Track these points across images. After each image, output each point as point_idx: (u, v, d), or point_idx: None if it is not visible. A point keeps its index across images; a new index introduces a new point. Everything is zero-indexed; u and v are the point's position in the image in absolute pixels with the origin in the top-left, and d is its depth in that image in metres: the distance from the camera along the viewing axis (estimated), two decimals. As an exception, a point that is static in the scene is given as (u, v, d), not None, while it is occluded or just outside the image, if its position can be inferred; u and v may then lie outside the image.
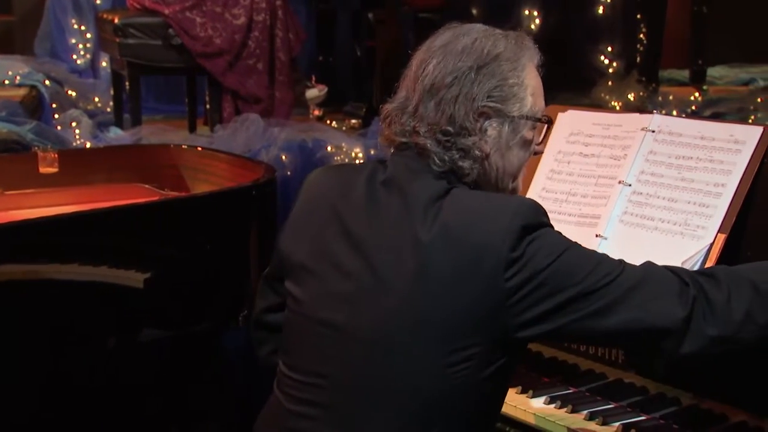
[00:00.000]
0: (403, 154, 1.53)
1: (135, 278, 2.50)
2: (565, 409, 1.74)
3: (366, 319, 1.46)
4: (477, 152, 1.50)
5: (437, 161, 1.49)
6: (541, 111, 1.56)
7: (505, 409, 1.77)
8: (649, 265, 1.49)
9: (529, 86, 1.54)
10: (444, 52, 1.51)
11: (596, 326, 1.42)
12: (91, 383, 2.59)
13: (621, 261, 1.47)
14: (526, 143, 1.55)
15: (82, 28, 5.87)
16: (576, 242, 1.47)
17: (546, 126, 1.59)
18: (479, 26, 1.56)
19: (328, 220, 1.54)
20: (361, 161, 4.18)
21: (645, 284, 1.43)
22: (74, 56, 5.84)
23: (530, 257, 1.41)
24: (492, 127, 1.51)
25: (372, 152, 4.16)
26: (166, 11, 4.66)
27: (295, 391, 1.53)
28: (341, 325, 1.48)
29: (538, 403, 1.79)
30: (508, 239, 1.41)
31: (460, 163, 1.49)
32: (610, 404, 1.76)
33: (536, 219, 1.44)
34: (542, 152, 1.65)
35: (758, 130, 1.76)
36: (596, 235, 1.86)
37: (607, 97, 5.98)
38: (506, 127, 1.52)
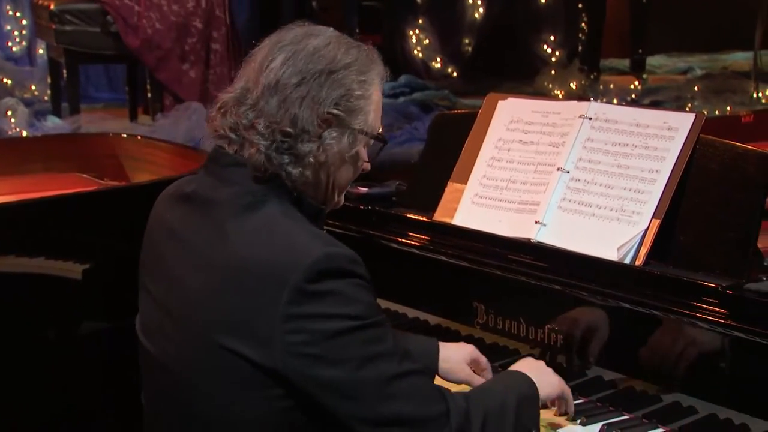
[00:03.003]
0: (219, 160, 1.47)
1: (73, 269, 2.46)
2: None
3: (170, 350, 1.46)
4: (311, 159, 1.43)
5: (264, 163, 1.42)
6: (378, 129, 1.51)
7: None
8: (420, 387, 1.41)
9: (373, 102, 1.49)
10: (294, 50, 1.44)
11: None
12: (27, 377, 2.54)
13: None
14: (359, 159, 1.50)
15: (18, 14, 5.74)
16: (378, 320, 1.38)
17: (381, 145, 1.53)
18: (332, 30, 1.51)
19: (150, 244, 1.55)
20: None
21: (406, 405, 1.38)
22: (9, 43, 5.71)
23: (318, 303, 1.34)
24: (332, 137, 1.44)
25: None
26: None
27: (146, 422, 1.54)
28: (154, 355, 1.49)
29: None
30: (303, 273, 1.34)
31: (290, 169, 1.42)
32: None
33: (341, 266, 1.37)
34: (367, 170, 1.56)
35: (690, 117, 1.80)
36: (535, 222, 1.89)
37: (550, 85, 6.07)
38: (345, 139, 1.45)
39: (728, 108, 5.43)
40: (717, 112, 5.22)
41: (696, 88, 5.92)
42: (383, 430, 1.38)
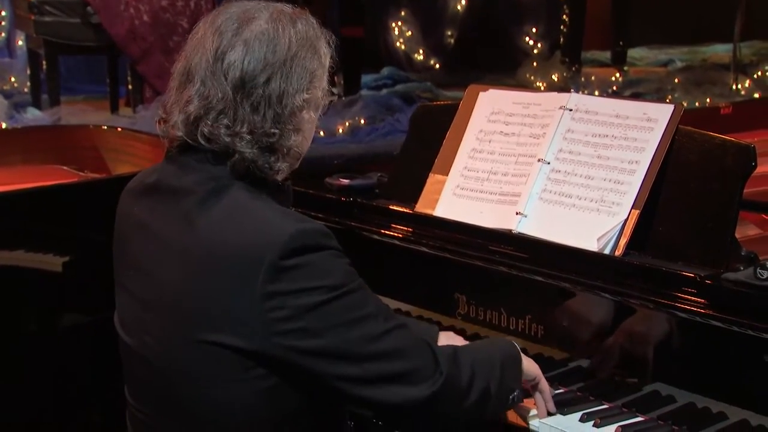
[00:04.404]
0: (180, 148, 1.44)
1: (53, 262, 2.44)
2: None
3: (150, 343, 1.44)
4: (296, 149, 1.44)
5: (250, 166, 1.40)
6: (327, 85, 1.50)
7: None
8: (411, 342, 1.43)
9: (326, 67, 1.48)
10: (244, 42, 1.40)
11: (346, 388, 1.39)
12: (9, 369, 2.52)
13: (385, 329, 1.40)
14: (317, 118, 1.51)
15: (-4, 5, 5.68)
16: (356, 285, 1.39)
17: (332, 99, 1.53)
18: (263, 4, 1.46)
19: (120, 240, 1.53)
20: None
21: (400, 357, 1.40)
22: (-12, 34, 5.65)
23: (294, 279, 1.34)
24: (306, 119, 1.45)
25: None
26: None
27: (130, 414, 1.53)
28: (134, 349, 1.48)
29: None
30: (278, 251, 1.33)
31: (278, 165, 1.42)
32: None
33: (314, 241, 1.37)
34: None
35: (669, 108, 1.80)
36: (516, 213, 1.89)
37: (532, 77, 6.09)
38: (314, 113, 1.46)
39: (708, 99, 5.47)
40: (697, 104, 5.26)
41: (676, 80, 5.96)
42: (376, 388, 1.39)
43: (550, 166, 1.89)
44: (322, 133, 4.72)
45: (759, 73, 6.07)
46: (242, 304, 1.35)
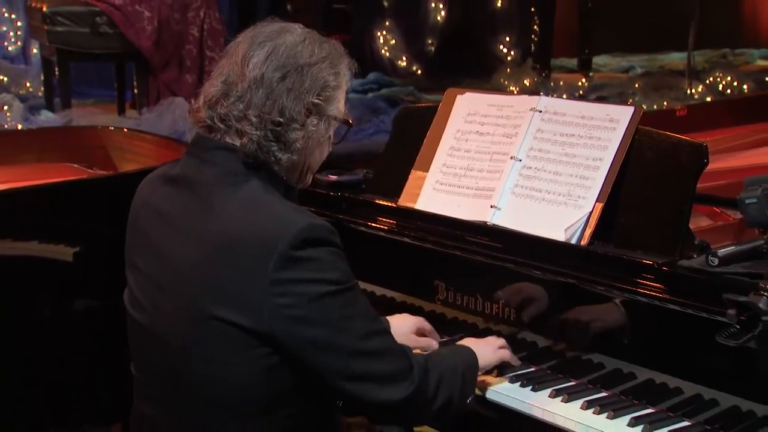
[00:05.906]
0: (203, 145, 1.46)
1: (65, 252, 2.42)
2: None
3: (161, 321, 1.44)
4: (297, 145, 1.45)
5: (255, 150, 1.42)
6: (343, 114, 1.54)
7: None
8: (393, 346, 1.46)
9: (343, 90, 1.52)
10: (274, 46, 1.45)
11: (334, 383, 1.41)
12: (24, 352, 2.50)
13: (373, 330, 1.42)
14: (329, 142, 1.54)
15: (13, 16, 5.65)
16: (353, 285, 1.41)
17: (347, 129, 1.56)
18: (301, 26, 1.52)
19: (135, 225, 1.53)
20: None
21: (380, 361, 1.42)
22: (5, 43, 5.62)
23: (302, 269, 1.35)
24: (314, 124, 1.47)
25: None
26: (117, 2, 4.51)
27: (136, 388, 1.53)
28: (145, 327, 1.48)
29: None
30: (289, 241, 1.35)
31: (279, 155, 1.44)
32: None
33: (322, 235, 1.39)
34: (329, 152, 1.58)
35: (630, 110, 1.80)
36: (491, 206, 1.89)
37: (506, 82, 6.09)
38: (323, 125, 1.48)
39: (665, 103, 5.49)
40: (655, 107, 5.27)
41: (636, 85, 5.97)
42: (355, 384, 1.41)
43: (522, 163, 1.89)
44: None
45: (711, 79, 6.09)
46: (252, 287, 1.36)
